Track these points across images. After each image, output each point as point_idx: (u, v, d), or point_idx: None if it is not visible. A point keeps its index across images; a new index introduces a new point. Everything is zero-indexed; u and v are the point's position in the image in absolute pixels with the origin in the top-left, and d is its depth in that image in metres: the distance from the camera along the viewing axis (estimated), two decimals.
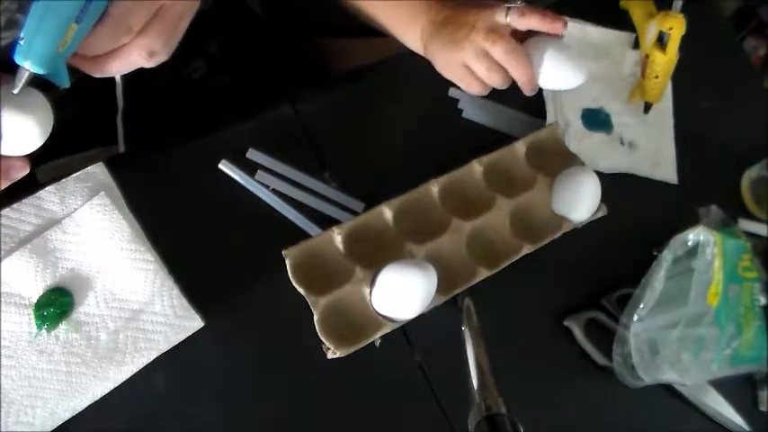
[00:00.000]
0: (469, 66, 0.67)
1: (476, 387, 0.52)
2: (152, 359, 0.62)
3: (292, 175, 0.71)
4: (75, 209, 0.63)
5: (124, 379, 0.61)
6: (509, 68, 0.65)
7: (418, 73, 0.72)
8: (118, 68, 0.50)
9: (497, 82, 0.67)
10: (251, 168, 0.70)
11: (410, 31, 0.72)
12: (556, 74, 0.68)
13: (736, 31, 1.65)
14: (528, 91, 0.68)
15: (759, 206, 0.86)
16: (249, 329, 0.66)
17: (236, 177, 0.69)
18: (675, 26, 0.77)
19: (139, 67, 0.51)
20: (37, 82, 0.48)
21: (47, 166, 0.74)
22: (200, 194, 0.68)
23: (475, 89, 0.69)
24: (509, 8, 0.65)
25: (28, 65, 0.45)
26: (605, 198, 0.73)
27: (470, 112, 0.80)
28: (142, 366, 0.61)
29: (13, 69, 0.61)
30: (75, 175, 0.64)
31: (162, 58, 0.51)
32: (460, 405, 0.52)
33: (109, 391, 0.60)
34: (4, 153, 0.47)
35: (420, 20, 0.70)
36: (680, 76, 0.85)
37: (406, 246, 0.67)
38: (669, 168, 0.85)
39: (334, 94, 0.78)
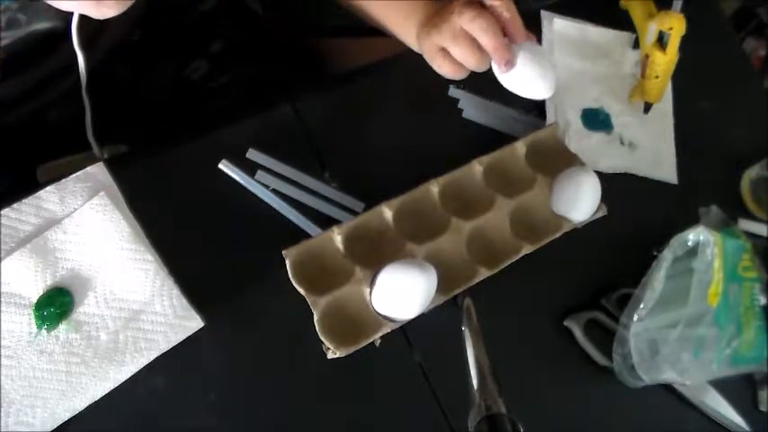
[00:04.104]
0: (446, 48, 0.67)
1: (476, 387, 0.52)
2: (152, 359, 0.61)
3: (292, 175, 0.71)
4: (75, 209, 0.63)
5: (124, 379, 0.61)
6: (476, 35, 0.64)
7: (418, 73, 0.72)
8: (63, 4, 0.50)
9: (472, 61, 0.66)
10: (251, 168, 0.70)
11: (408, 29, 0.73)
12: (521, 80, 0.68)
13: (737, 31, 1.65)
14: (500, 61, 0.66)
15: (759, 206, 0.86)
16: (249, 329, 0.66)
17: (236, 177, 0.69)
18: (675, 26, 0.77)
19: (86, 13, 0.50)
20: None
21: (47, 166, 0.74)
22: (201, 194, 0.68)
23: (446, 70, 0.69)
24: None
25: None
26: (605, 198, 0.73)
27: (470, 112, 0.80)
28: (142, 366, 0.61)
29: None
30: (75, 175, 0.64)
31: (110, 12, 0.50)
32: (460, 405, 0.52)
33: (109, 391, 0.60)
34: None
35: (417, 16, 0.71)
36: (680, 76, 0.85)
37: (406, 246, 0.67)
38: (669, 168, 0.85)
39: (334, 94, 0.78)
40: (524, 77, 0.68)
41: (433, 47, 0.68)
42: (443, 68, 0.69)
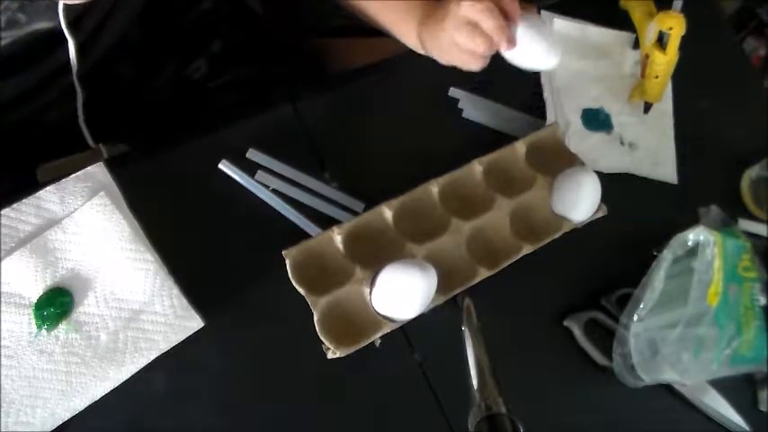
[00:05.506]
0: (455, 41, 0.65)
1: (476, 387, 0.52)
2: (152, 359, 0.62)
3: (292, 175, 0.71)
4: (75, 209, 0.63)
5: (124, 379, 0.61)
6: (476, 19, 0.63)
7: (418, 73, 0.72)
8: None
9: (483, 48, 0.65)
10: (251, 168, 0.70)
11: (407, 29, 0.72)
12: (525, 55, 0.67)
13: (736, 31, 1.65)
14: (501, 41, 0.64)
15: (759, 206, 0.86)
16: (249, 329, 0.66)
17: (236, 177, 0.69)
18: (675, 26, 0.77)
19: None
20: None
21: (47, 166, 0.74)
22: (201, 194, 0.68)
23: (472, 64, 0.67)
24: None
25: None
26: (605, 198, 0.72)
27: (470, 112, 0.80)
28: (142, 366, 0.61)
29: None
30: (75, 175, 0.64)
31: None
32: (460, 405, 0.52)
33: (109, 391, 0.60)
34: None
35: (416, 16, 0.71)
36: (680, 76, 0.85)
37: (406, 246, 0.67)
38: (669, 168, 0.85)
39: (335, 94, 0.78)
40: (528, 52, 0.66)
41: (446, 45, 0.67)
42: (468, 63, 0.67)
